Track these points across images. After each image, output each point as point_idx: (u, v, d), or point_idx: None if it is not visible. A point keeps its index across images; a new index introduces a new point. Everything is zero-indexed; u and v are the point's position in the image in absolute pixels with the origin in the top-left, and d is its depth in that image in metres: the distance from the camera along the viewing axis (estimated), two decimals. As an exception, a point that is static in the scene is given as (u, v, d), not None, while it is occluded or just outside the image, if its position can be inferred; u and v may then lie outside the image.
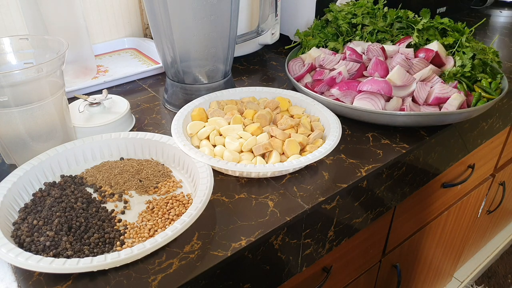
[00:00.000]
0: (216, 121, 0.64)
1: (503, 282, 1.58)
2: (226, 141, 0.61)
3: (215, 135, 0.62)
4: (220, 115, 0.65)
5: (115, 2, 0.95)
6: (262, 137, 0.61)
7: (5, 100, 0.52)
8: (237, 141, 0.61)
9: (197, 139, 0.63)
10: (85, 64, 0.85)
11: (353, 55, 0.77)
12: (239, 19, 0.75)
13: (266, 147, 0.59)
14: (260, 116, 0.64)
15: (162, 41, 0.70)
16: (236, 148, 0.60)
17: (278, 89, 0.74)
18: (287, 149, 0.60)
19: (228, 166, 0.55)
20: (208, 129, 0.62)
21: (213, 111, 0.66)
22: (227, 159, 0.58)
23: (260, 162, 0.58)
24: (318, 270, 0.73)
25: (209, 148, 0.60)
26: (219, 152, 0.59)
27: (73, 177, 0.58)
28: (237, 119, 0.64)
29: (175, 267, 0.45)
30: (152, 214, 0.52)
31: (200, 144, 0.62)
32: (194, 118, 0.66)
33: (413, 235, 0.97)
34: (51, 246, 0.46)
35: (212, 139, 0.62)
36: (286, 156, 0.60)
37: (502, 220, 1.60)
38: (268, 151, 0.60)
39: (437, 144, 0.71)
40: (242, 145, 0.60)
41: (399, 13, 0.85)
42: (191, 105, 0.67)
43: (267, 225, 0.51)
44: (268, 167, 0.55)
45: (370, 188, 0.63)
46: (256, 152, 0.59)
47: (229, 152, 0.59)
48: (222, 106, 0.69)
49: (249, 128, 0.63)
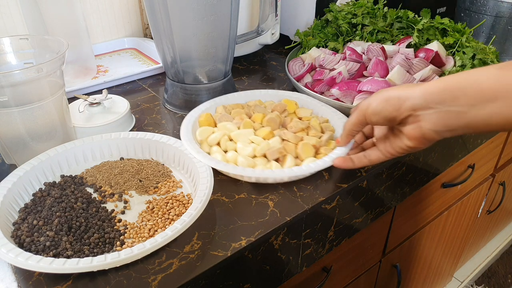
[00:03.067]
0: (226, 126, 0.62)
1: (503, 282, 1.58)
2: (238, 147, 0.59)
3: (226, 140, 0.61)
4: (228, 120, 0.64)
5: (115, 2, 0.95)
6: (274, 141, 0.60)
7: (5, 100, 0.52)
8: (249, 146, 0.59)
9: (207, 145, 0.61)
10: (85, 64, 0.85)
11: (353, 55, 0.77)
12: (239, 19, 0.75)
13: (281, 151, 0.58)
14: (270, 120, 0.63)
15: (162, 41, 0.70)
16: (249, 153, 0.58)
17: (283, 91, 0.73)
18: (301, 152, 0.58)
19: (258, 174, 0.54)
20: (218, 134, 0.61)
21: (221, 116, 0.64)
22: (241, 165, 0.56)
23: (275, 167, 0.57)
24: (318, 270, 0.73)
25: (220, 154, 0.59)
26: (231, 158, 0.58)
27: (73, 177, 0.58)
28: (247, 124, 0.63)
29: (175, 267, 0.45)
30: (152, 214, 0.52)
31: (210, 150, 0.60)
32: (202, 123, 0.64)
33: (413, 235, 0.97)
34: (51, 246, 0.46)
35: (224, 145, 0.60)
36: (300, 160, 0.59)
37: (502, 220, 1.60)
38: (282, 155, 0.59)
39: (437, 144, 0.71)
40: (256, 150, 0.58)
41: (399, 13, 0.85)
42: (198, 110, 0.66)
43: (267, 225, 0.51)
44: (297, 170, 0.54)
45: (370, 188, 0.63)
46: (270, 157, 0.58)
47: (243, 157, 0.57)
48: (229, 110, 0.67)
49: (260, 132, 0.62)
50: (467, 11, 1.03)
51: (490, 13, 0.98)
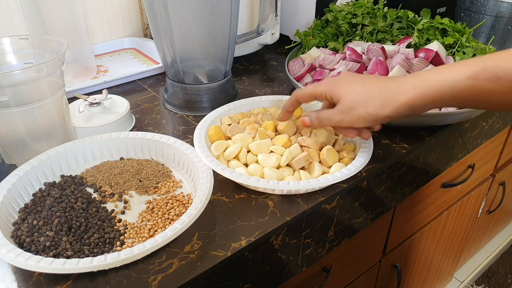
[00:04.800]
0: (242, 138, 0.59)
1: (503, 282, 1.58)
2: (260, 158, 0.57)
3: (245, 153, 0.58)
4: (239, 131, 0.61)
5: (115, 2, 0.95)
6: (295, 149, 0.57)
7: (5, 100, 0.52)
8: (272, 156, 0.57)
9: (224, 160, 0.58)
10: (85, 64, 0.85)
11: (353, 55, 0.77)
12: (239, 19, 0.75)
13: (307, 159, 0.56)
14: (287, 126, 0.61)
15: (162, 41, 0.70)
16: (274, 164, 0.56)
17: (281, 96, 0.69)
18: (326, 158, 0.57)
19: (302, 186, 0.52)
20: (235, 148, 0.58)
21: (232, 128, 0.61)
22: (269, 177, 0.54)
23: (305, 176, 0.55)
24: (318, 270, 0.73)
25: (242, 168, 0.56)
26: (255, 171, 0.55)
27: (73, 177, 0.58)
28: (262, 133, 0.60)
29: (175, 267, 0.45)
30: (152, 214, 0.52)
31: (229, 165, 0.58)
32: (213, 137, 0.60)
33: (413, 235, 0.97)
34: (51, 246, 0.46)
35: (243, 158, 0.58)
36: (326, 166, 0.58)
37: (502, 220, 1.60)
38: (308, 163, 0.57)
39: (437, 144, 0.71)
40: (280, 160, 0.56)
41: (399, 13, 0.85)
42: (204, 123, 0.62)
43: (267, 225, 0.51)
44: (340, 175, 0.53)
45: (370, 188, 0.63)
46: (297, 166, 0.56)
47: (269, 169, 0.55)
48: (236, 120, 0.65)
49: (278, 140, 0.59)
50: (467, 11, 1.03)
51: (490, 13, 0.98)
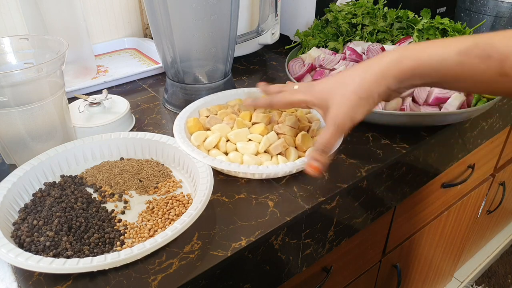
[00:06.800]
0: (220, 128, 0.63)
1: (503, 282, 1.58)
2: (239, 146, 0.60)
3: (224, 142, 0.61)
4: (218, 122, 0.64)
5: (115, 2, 0.95)
6: (272, 136, 0.61)
7: (5, 100, 0.52)
8: (250, 144, 0.60)
9: (204, 149, 0.61)
10: (85, 64, 0.85)
11: (353, 55, 0.77)
12: (239, 19, 0.75)
13: (284, 145, 0.60)
14: (262, 116, 0.64)
15: (162, 41, 0.70)
16: (253, 151, 0.59)
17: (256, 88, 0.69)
18: (301, 143, 0.60)
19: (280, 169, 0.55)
20: (214, 137, 0.61)
21: (211, 119, 0.64)
22: (248, 163, 0.57)
23: (282, 161, 0.58)
24: (318, 270, 0.73)
25: (222, 156, 0.59)
26: (235, 159, 0.58)
27: (73, 177, 0.58)
28: (240, 123, 0.63)
29: (175, 267, 0.45)
30: (152, 214, 0.52)
31: (209, 154, 0.60)
32: (192, 129, 0.63)
33: (413, 235, 0.97)
34: (51, 246, 0.46)
35: (223, 147, 0.61)
36: (301, 151, 0.60)
37: (502, 220, 1.60)
38: (285, 149, 0.60)
39: (437, 144, 0.71)
40: (258, 147, 0.59)
41: (399, 13, 0.85)
42: (183, 116, 0.65)
43: (267, 225, 0.51)
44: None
45: (370, 188, 0.63)
46: (274, 151, 0.59)
47: (248, 156, 0.58)
48: (214, 112, 0.67)
49: (255, 129, 0.62)
50: (467, 11, 1.03)
51: (490, 13, 0.98)
